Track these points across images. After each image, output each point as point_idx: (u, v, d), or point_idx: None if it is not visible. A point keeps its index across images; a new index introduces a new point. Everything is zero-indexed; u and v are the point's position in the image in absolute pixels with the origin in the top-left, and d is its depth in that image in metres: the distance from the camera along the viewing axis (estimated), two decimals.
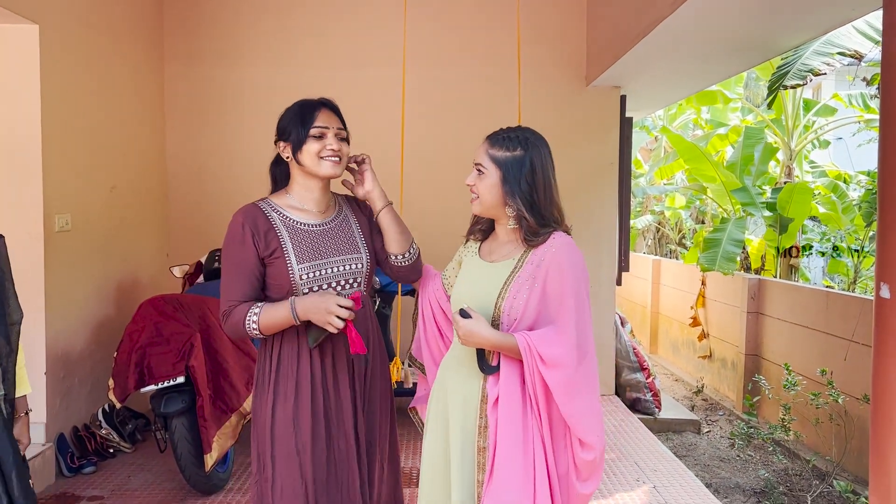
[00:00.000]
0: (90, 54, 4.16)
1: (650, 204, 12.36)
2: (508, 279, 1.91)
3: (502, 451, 1.82)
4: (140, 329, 3.58)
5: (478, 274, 2.01)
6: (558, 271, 1.86)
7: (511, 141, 1.93)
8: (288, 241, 2.01)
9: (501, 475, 1.81)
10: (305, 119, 2.04)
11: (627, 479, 3.93)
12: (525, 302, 1.87)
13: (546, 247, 1.90)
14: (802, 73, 5.36)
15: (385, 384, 2.22)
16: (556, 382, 1.80)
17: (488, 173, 1.93)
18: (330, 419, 2.03)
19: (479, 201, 1.96)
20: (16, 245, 3.60)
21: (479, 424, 1.90)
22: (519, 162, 1.90)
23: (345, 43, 5.27)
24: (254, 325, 1.95)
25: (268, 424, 2.01)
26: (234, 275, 2.00)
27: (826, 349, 5.22)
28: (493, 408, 1.86)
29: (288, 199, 2.10)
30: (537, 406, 1.83)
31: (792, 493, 4.52)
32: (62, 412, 3.92)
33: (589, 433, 1.83)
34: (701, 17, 3.64)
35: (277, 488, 2.00)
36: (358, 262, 2.10)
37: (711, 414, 6.43)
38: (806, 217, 7.45)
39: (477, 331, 1.82)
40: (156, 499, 3.61)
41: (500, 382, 1.86)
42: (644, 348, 8.34)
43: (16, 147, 3.65)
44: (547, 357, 1.79)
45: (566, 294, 1.85)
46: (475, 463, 1.90)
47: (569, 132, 5.41)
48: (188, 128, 5.22)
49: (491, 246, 2.06)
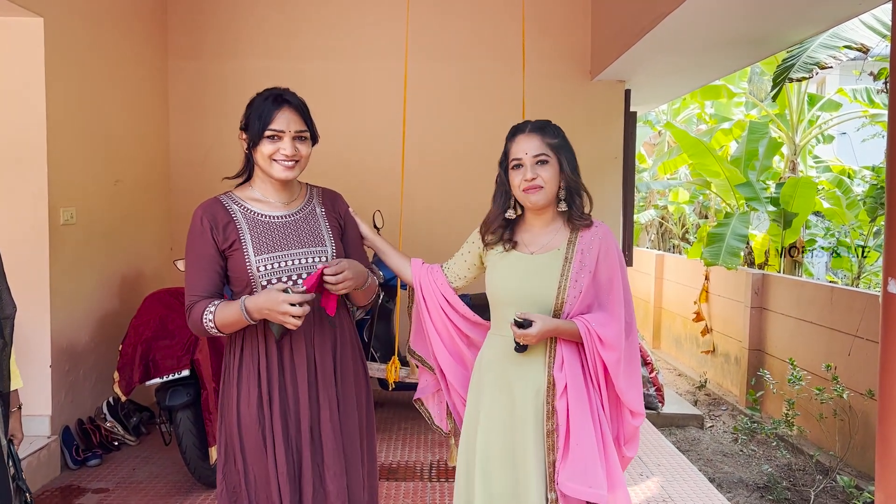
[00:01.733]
0: (95, 48, 4.16)
1: (653, 199, 12.33)
2: (564, 269, 2.00)
3: (576, 431, 1.95)
4: (145, 322, 3.59)
5: (524, 268, 2.04)
6: (607, 258, 1.99)
7: (551, 128, 2.05)
8: (246, 233, 1.99)
9: (578, 452, 1.94)
10: (263, 117, 1.97)
11: (631, 474, 3.93)
12: (583, 288, 1.98)
13: (592, 234, 2.02)
14: (808, 66, 5.33)
15: (360, 382, 2.18)
16: (611, 360, 1.97)
17: (551, 160, 2.01)
18: (288, 412, 2.01)
19: (545, 191, 2.00)
20: (20, 238, 3.63)
21: (546, 410, 2.00)
22: (567, 147, 2.04)
23: (347, 35, 5.26)
24: (210, 325, 1.95)
25: (234, 418, 2.01)
26: (195, 269, 2.00)
27: (830, 344, 5.22)
28: (562, 393, 1.98)
29: (250, 192, 2.07)
30: (597, 383, 2.01)
31: (795, 488, 4.52)
32: (67, 405, 3.93)
33: (637, 403, 2.04)
34: (706, 11, 3.63)
35: (251, 479, 2.01)
36: (322, 254, 2.05)
37: (715, 409, 6.43)
38: (810, 212, 7.44)
39: (544, 330, 1.91)
40: (161, 491, 3.62)
41: (565, 369, 1.99)
42: (647, 343, 8.34)
43: (21, 140, 3.65)
44: (604, 338, 1.95)
45: (615, 279, 1.99)
46: (545, 446, 1.99)
47: (573, 126, 5.31)
48: (191, 121, 5.22)
49: (525, 238, 2.09)
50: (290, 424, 2.02)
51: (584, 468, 1.93)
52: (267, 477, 1.99)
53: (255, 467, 2.01)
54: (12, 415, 2.11)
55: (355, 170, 5.22)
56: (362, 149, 5.25)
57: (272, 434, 1.99)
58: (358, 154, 5.25)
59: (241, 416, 2.00)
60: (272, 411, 1.99)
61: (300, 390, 2.03)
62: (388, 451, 4.18)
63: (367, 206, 4.47)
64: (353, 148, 5.24)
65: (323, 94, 5.20)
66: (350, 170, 5.21)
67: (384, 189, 4.84)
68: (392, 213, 4.51)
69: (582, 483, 1.93)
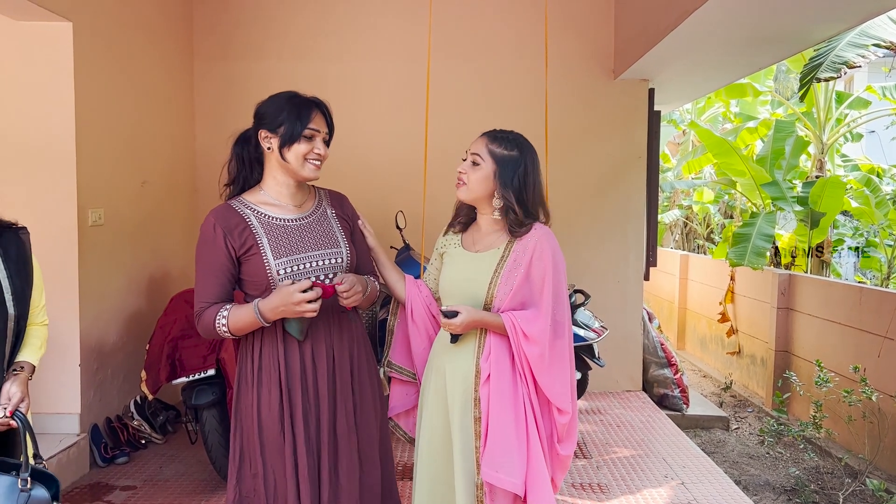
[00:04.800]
0: (122, 51, 4.22)
1: (678, 198, 12.22)
2: (498, 267, 2.12)
3: (495, 420, 2.06)
4: (171, 322, 3.64)
5: (465, 264, 2.20)
6: (540, 259, 2.09)
7: (509, 141, 2.15)
8: (264, 237, 2.00)
9: (495, 440, 2.05)
10: (301, 117, 2.01)
11: (655, 476, 3.91)
12: (513, 287, 2.09)
13: (529, 237, 2.12)
14: (836, 66, 5.24)
15: (374, 382, 2.22)
16: (534, 355, 2.07)
17: (483, 165, 2.13)
18: (309, 412, 2.02)
19: (467, 189, 2.16)
20: (50, 239, 3.69)
21: (474, 398, 2.11)
22: (514, 161, 2.12)
23: (370, 37, 5.29)
24: (224, 328, 1.96)
25: (254, 420, 2.01)
26: (205, 276, 2.02)
27: (859, 345, 5.14)
28: (485, 382, 2.10)
29: (261, 196, 2.08)
30: (525, 376, 2.10)
31: (823, 492, 4.46)
32: (96, 403, 3.99)
33: (563, 400, 2.11)
34: (731, 8, 3.59)
35: (270, 482, 2.01)
36: (337, 256, 2.08)
37: (740, 410, 6.36)
38: (838, 212, 7.32)
39: (469, 321, 2.05)
40: (187, 489, 3.67)
41: (491, 358, 2.11)
42: (672, 344, 8.26)
43: (50, 143, 3.71)
44: (528, 333, 2.06)
45: (546, 280, 2.09)
46: (473, 432, 2.10)
47: (596, 126, 5.38)
48: (217, 122, 5.27)
49: (474, 237, 2.25)
50: (311, 425, 2.02)
51: (500, 456, 2.04)
52: (286, 479, 1.99)
53: (274, 470, 2.01)
54: (14, 377, 2.04)
55: (378, 171, 5.24)
56: (385, 150, 5.28)
57: (293, 436, 2.00)
58: (380, 155, 5.27)
59: (262, 420, 2.00)
60: (294, 413, 2.00)
61: (321, 391, 2.04)
62: (408, 450, 4.19)
63: (390, 206, 4.51)
64: (376, 149, 5.27)
65: (346, 95, 5.23)
66: (373, 170, 5.23)
67: (407, 189, 4.85)
68: (414, 214, 4.52)
69: (498, 470, 2.03)
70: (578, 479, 3.86)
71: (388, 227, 4.22)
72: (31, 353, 2.14)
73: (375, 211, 3.66)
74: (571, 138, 5.32)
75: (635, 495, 3.65)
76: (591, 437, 4.55)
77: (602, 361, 4.25)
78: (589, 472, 3.96)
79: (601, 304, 5.18)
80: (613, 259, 5.47)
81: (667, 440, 4.50)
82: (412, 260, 4.09)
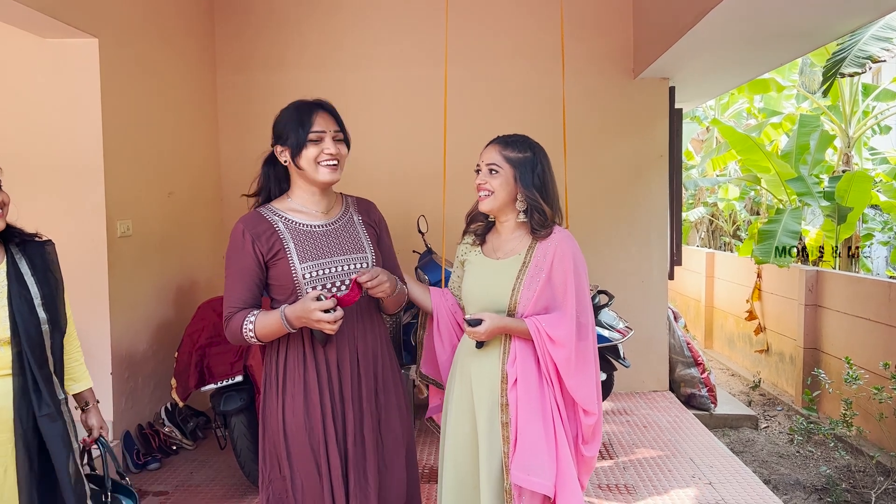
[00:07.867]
0: (147, 65, 4.30)
1: (703, 196, 12.12)
2: (520, 274, 2.14)
3: (524, 423, 2.08)
4: (199, 330, 3.70)
5: (487, 272, 2.22)
6: (561, 262, 2.12)
7: (520, 144, 2.18)
8: (290, 242, 2.04)
9: (525, 444, 2.07)
10: (303, 122, 2.03)
11: (683, 476, 3.89)
12: (535, 292, 2.12)
13: (550, 241, 2.15)
14: (860, 61, 5.17)
15: (398, 385, 2.24)
16: (561, 358, 2.09)
17: (502, 172, 2.16)
18: (336, 416, 2.05)
19: (493, 198, 2.17)
20: (80, 251, 3.78)
21: (501, 402, 2.13)
22: (531, 162, 2.16)
23: (388, 44, 5.33)
24: (250, 333, 1.99)
25: (280, 424, 2.03)
26: (235, 281, 2.05)
27: (889, 342, 5.06)
28: (512, 387, 2.12)
29: (289, 203, 2.12)
30: (550, 380, 2.13)
31: (855, 490, 4.40)
32: (127, 411, 4.07)
33: (589, 402, 2.14)
34: (750, 4, 3.57)
35: (298, 486, 2.03)
36: (363, 261, 2.11)
37: (769, 409, 6.29)
38: (866, 206, 7.22)
39: (493, 328, 2.07)
40: (217, 494, 3.73)
41: (517, 363, 2.13)
42: (698, 343, 8.20)
43: (79, 157, 3.80)
44: (554, 337, 2.08)
45: (568, 283, 2.11)
46: (501, 437, 2.12)
47: (617, 125, 5.37)
48: (240, 132, 5.35)
49: (494, 244, 2.27)
50: (338, 428, 2.05)
51: (530, 459, 2.06)
52: (314, 482, 2.02)
53: (301, 473, 2.03)
54: (88, 411, 2.34)
55: (399, 177, 5.28)
56: (405, 156, 5.31)
57: (324, 438, 2.02)
58: (401, 161, 5.31)
59: (287, 424, 2.03)
60: (323, 416, 2.03)
61: (346, 394, 2.07)
62: (433, 453, 4.20)
63: (411, 211, 4.54)
64: (397, 155, 5.31)
65: (366, 102, 5.28)
66: (394, 177, 5.27)
67: (427, 195, 4.88)
68: (436, 219, 4.54)
69: (529, 473, 2.05)
70: (605, 480, 3.85)
71: (410, 231, 4.26)
72: (83, 378, 2.36)
73: (397, 216, 3.69)
74: (592, 139, 5.31)
75: (662, 496, 3.64)
76: (618, 437, 4.54)
77: (627, 362, 4.24)
78: (616, 473, 3.95)
79: (625, 305, 5.16)
80: (637, 259, 5.45)
81: (694, 440, 4.47)
82: (434, 263, 4.12)
